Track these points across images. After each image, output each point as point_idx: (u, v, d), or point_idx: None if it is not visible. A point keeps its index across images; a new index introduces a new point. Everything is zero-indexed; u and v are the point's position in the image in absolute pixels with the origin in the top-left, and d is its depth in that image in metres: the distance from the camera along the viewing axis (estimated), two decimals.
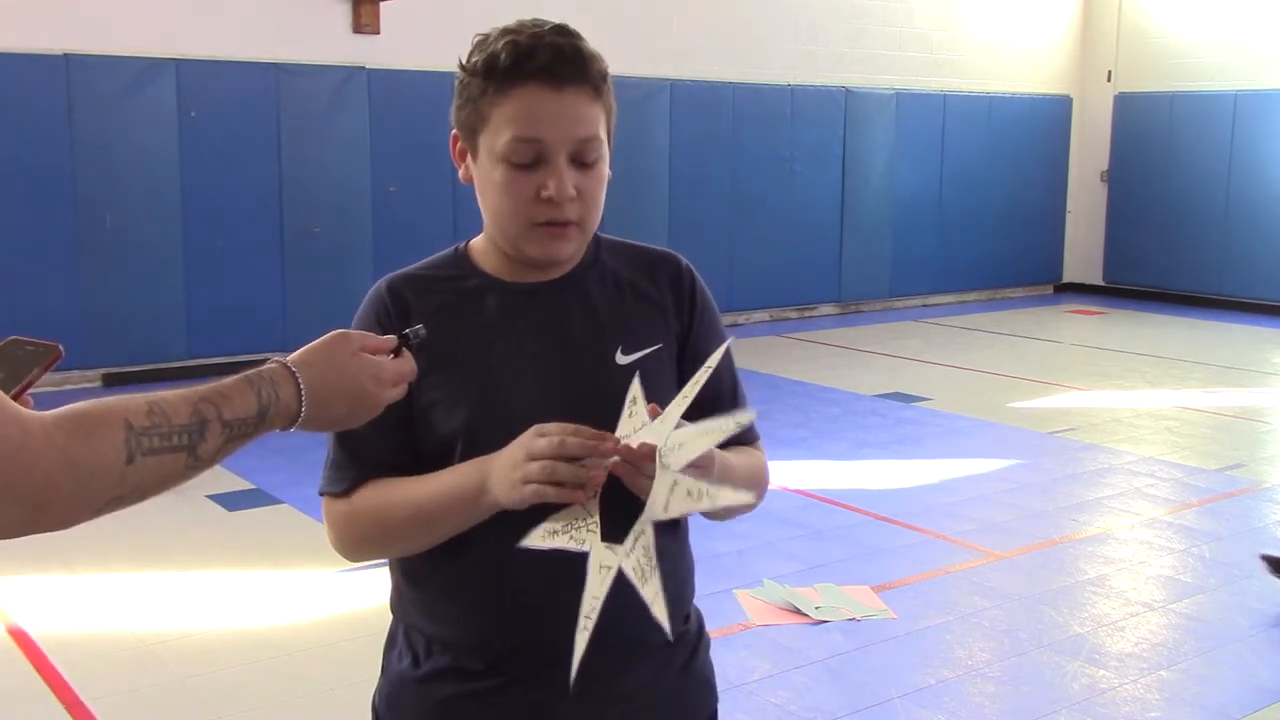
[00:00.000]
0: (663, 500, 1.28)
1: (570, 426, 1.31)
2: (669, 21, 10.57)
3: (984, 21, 12.85)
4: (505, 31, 1.42)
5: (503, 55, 1.40)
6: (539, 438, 1.30)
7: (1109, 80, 13.52)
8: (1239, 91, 12.21)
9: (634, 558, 1.29)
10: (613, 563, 1.28)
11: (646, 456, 1.28)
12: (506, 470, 1.33)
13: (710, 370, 1.31)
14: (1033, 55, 13.34)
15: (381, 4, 9.06)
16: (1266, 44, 12.21)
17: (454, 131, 1.49)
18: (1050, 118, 13.54)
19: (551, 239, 1.45)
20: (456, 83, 1.47)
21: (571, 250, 1.48)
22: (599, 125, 1.44)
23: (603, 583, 1.28)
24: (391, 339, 1.33)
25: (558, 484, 1.28)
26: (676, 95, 10.51)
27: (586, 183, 1.44)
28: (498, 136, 1.41)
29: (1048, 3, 13.34)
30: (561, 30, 1.42)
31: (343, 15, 9.02)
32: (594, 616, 1.27)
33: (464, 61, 1.45)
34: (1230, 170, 12.34)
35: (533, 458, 1.29)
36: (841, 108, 11.75)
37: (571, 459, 1.28)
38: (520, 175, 1.42)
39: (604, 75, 1.45)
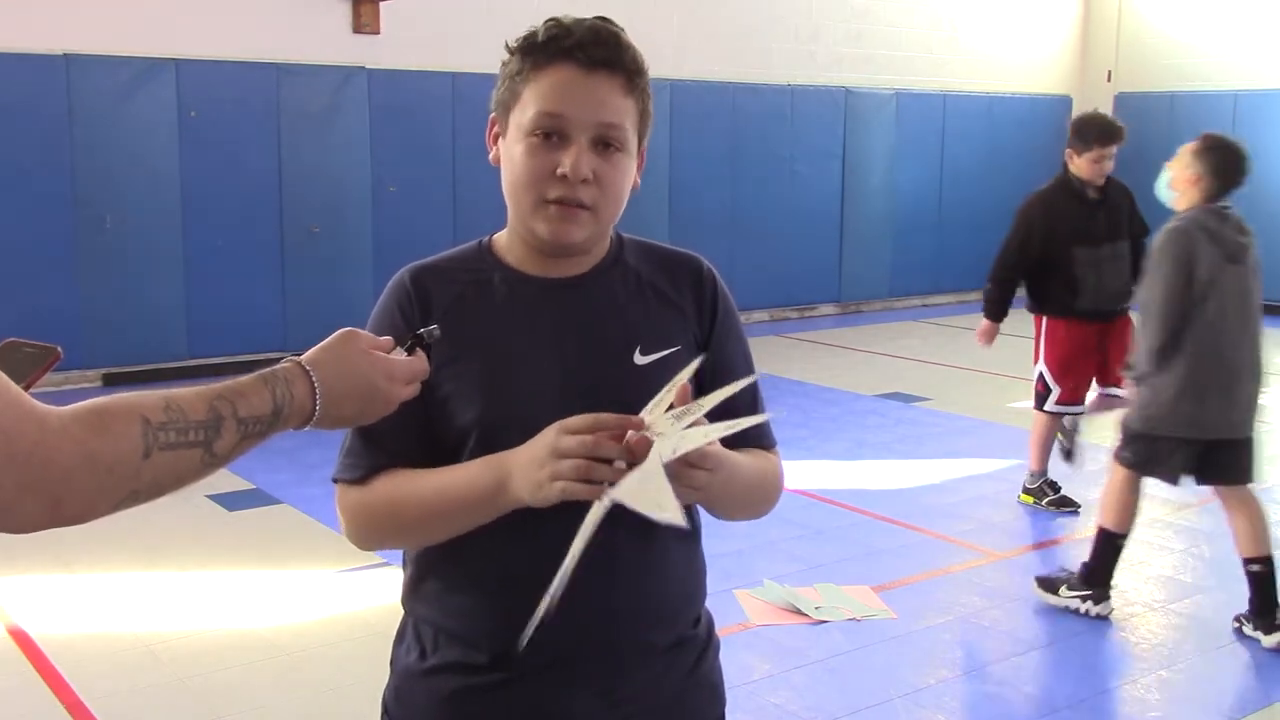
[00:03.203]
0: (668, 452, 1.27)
1: (598, 418, 1.29)
2: (669, 21, 10.57)
3: (984, 21, 12.85)
4: (551, 17, 1.46)
5: (541, 33, 1.44)
6: (566, 435, 1.29)
7: (1109, 80, 13.52)
8: (1239, 91, 12.21)
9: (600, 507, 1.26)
10: (599, 511, 1.26)
11: (641, 450, 1.27)
12: (531, 468, 1.31)
13: (736, 389, 1.33)
14: (1033, 55, 13.35)
15: (381, 4, 9.06)
16: (1266, 44, 12.21)
17: (492, 115, 1.51)
18: (1050, 118, 13.53)
19: (562, 219, 1.44)
20: (501, 65, 1.49)
21: (581, 235, 1.47)
22: (626, 116, 1.45)
23: (584, 532, 1.25)
24: (389, 340, 1.33)
25: (588, 481, 1.26)
26: (676, 95, 10.51)
27: (605, 169, 1.44)
28: (526, 112, 1.43)
29: (1048, 3, 13.35)
30: (604, 18, 1.46)
31: (343, 15, 9.02)
32: (573, 562, 1.24)
33: (509, 44, 1.48)
34: None
35: (562, 455, 1.28)
36: (841, 108, 11.75)
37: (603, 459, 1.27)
38: (540, 150, 1.43)
39: (639, 68, 1.46)
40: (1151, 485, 5.86)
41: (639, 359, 1.48)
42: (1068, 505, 5.51)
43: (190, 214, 8.43)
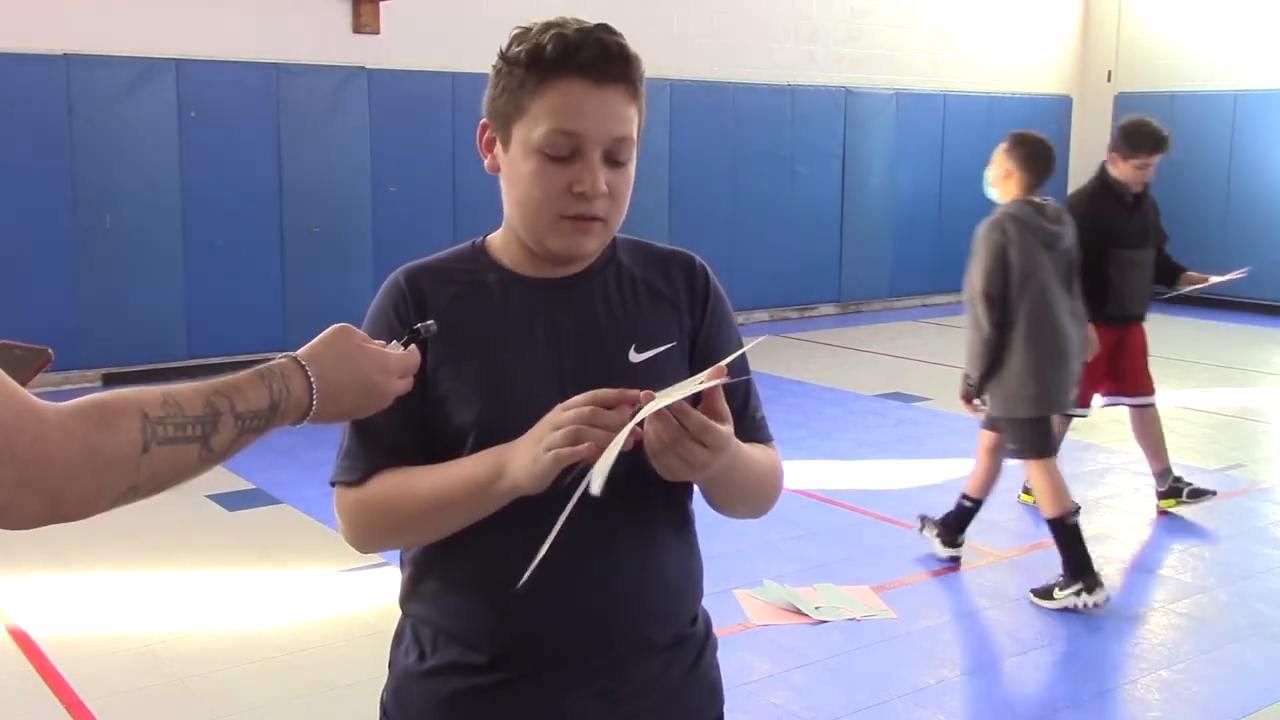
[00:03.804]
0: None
1: (596, 394, 1.29)
2: (669, 21, 10.57)
3: (984, 21, 12.85)
4: (550, 25, 1.43)
5: (549, 47, 1.40)
6: (564, 412, 1.30)
7: (1109, 80, 13.52)
8: (1239, 91, 12.21)
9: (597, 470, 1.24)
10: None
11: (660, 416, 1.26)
12: (527, 446, 1.32)
13: (730, 361, 1.31)
14: (1033, 55, 13.34)
15: (381, 4, 9.07)
16: (1266, 44, 12.22)
17: (483, 121, 1.49)
18: (1050, 118, 13.52)
19: (576, 233, 1.45)
20: (492, 71, 1.47)
21: (594, 246, 1.48)
22: (633, 126, 1.45)
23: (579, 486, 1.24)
24: (381, 343, 1.33)
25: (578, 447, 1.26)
26: (676, 95, 10.51)
27: (616, 181, 1.44)
28: (534, 127, 1.41)
29: (1048, 3, 13.35)
30: (608, 29, 1.44)
31: (343, 15, 9.02)
32: (565, 514, 1.22)
33: (504, 51, 1.45)
34: (1230, 170, 12.34)
35: (556, 429, 1.29)
36: (841, 108, 11.75)
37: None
38: (554, 167, 1.42)
39: (642, 76, 1.46)
40: (1150, 485, 5.88)
41: (634, 357, 1.48)
42: (1201, 495, 5.47)
43: (190, 214, 8.43)
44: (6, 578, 4.58)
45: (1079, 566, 4.36)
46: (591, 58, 1.40)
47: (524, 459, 1.32)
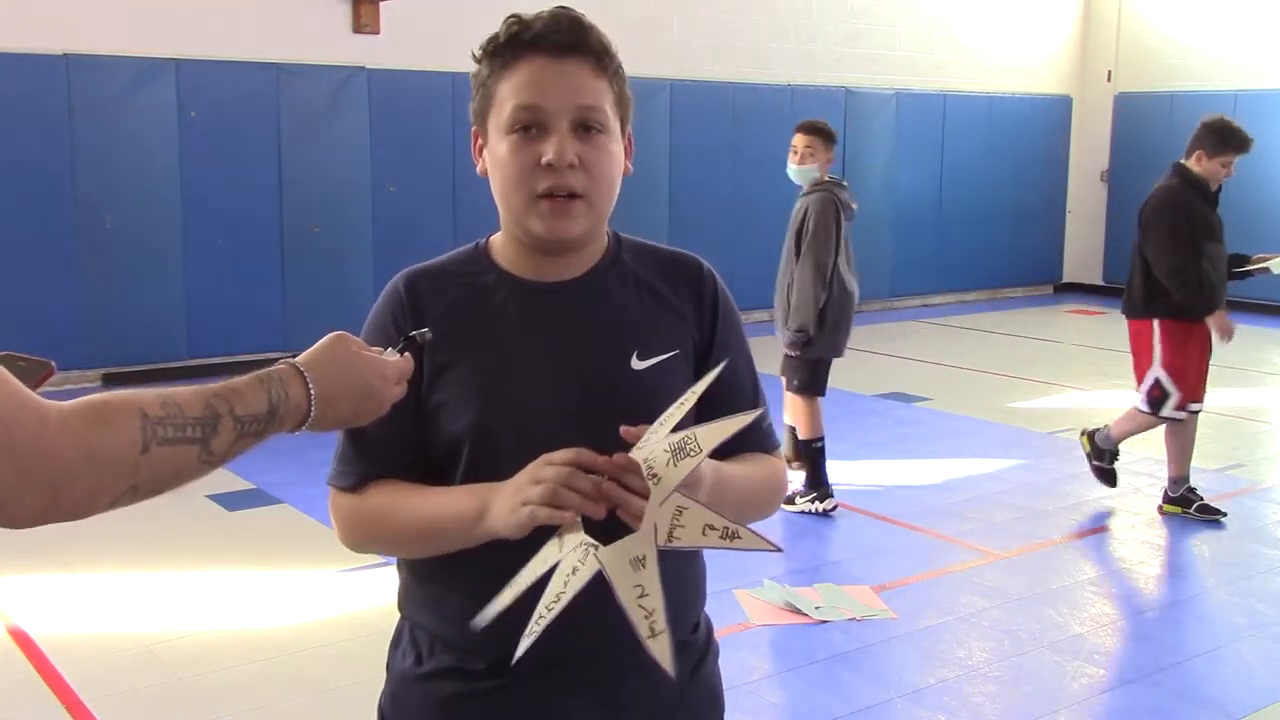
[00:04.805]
0: (665, 527, 1.22)
1: (579, 453, 1.26)
2: (669, 21, 10.57)
3: (984, 21, 12.85)
4: (511, 14, 1.46)
5: (502, 32, 1.44)
6: (546, 466, 1.27)
7: (1109, 80, 13.52)
8: (1239, 91, 12.20)
9: (629, 579, 1.22)
10: (588, 566, 1.23)
11: (626, 468, 1.24)
12: (508, 494, 1.31)
13: (709, 382, 1.27)
14: (1033, 55, 13.34)
15: (381, 4, 9.07)
16: (1266, 44, 12.21)
17: (474, 128, 1.51)
18: (1050, 118, 13.53)
19: (556, 214, 1.42)
20: (471, 77, 1.48)
21: (579, 229, 1.45)
22: (603, 98, 1.44)
23: (569, 584, 1.23)
24: (378, 350, 1.34)
25: (553, 506, 1.25)
26: (676, 95, 10.51)
27: (590, 153, 1.42)
28: (502, 111, 1.43)
29: (1048, 3, 13.35)
30: (563, 7, 1.46)
31: (343, 15, 9.02)
32: (555, 611, 1.23)
33: (474, 53, 1.48)
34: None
35: (537, 483, 1.27)
36: (841, 108, 11.74)
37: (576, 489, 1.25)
38: (522, 145, 1.42)
39: (606, 49, 1.45)
40: (1150, 485, 5.87)
41: (636, 364, 1.46)
42: (1211, 514, 5.38)
43: (190, 214, 8.42)
44: (6, 578, 4.58)
45: (817, 481, 5.39)
46: (542, 32, 1.41)
47: (504, 507, 1.31)
